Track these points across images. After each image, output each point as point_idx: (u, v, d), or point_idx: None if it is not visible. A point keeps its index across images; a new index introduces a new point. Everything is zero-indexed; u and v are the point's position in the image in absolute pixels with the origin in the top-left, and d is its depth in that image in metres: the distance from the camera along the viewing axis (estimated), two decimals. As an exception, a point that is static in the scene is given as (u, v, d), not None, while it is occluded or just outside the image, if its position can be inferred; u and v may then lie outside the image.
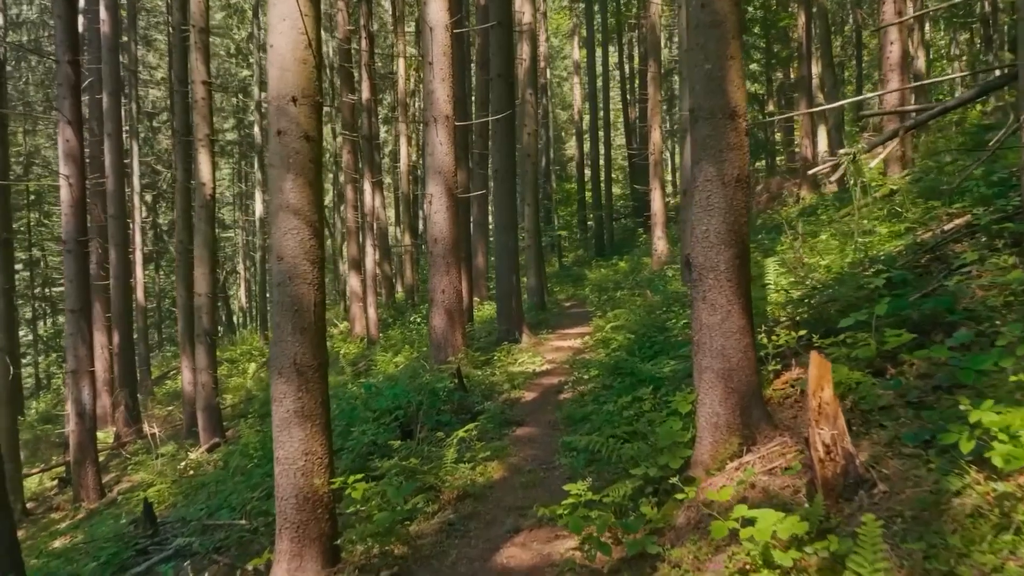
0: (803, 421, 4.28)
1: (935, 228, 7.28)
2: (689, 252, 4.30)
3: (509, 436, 7.00)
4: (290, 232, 4.28)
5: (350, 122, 22.72)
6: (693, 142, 4.33)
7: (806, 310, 6.14)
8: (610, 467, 4.90)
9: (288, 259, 4.28)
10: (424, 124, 10.58)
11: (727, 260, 4.15)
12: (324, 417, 4.39)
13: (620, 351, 8.87)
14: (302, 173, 4.30)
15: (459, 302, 10.42)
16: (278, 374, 4.29)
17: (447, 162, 10.21)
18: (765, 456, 3.98)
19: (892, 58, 13.21)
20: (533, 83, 17.45)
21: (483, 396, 8.58)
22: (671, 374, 6.54)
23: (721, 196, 4.16)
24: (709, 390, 4.18)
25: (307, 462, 4.26)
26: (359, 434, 6.98)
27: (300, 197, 4.29)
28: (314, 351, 4.32)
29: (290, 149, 4.29)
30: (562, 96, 47.44)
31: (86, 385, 12.11)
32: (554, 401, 8.30)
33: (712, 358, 4.17)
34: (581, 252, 33.03)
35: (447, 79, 10.32)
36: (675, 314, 9.06)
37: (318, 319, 4.34)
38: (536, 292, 16.39)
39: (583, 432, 5.92)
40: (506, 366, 10.61)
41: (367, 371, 16.71)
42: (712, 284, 4.16)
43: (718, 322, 4.15)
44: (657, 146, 19.92)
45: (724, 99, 4.16)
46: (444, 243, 10.24)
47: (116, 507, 10.87)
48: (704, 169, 4.21)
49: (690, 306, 9.33)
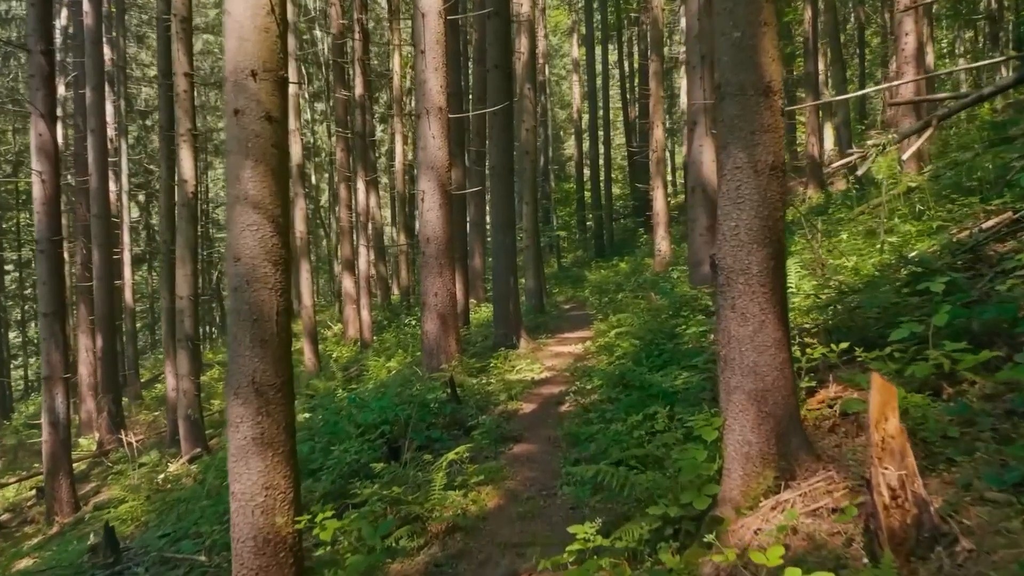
0: (848, 450, 3.67)
1: (971, 226, 6.68)
2: (714, 252, 3.68)
3: (505, 454, 6.38)
4: (249, 229, 3.65)
5: (343, 119, 22.12)
6: (719, 124, 3.72)
7: (832, 316, 5.53)
8: (620, 499, 4.28)
9: (246, 260, 3.65)
10: (416, 116, 9.97)
11: (760, 261, 3.53)
12: (288, 444, 3.76)
13: (625, 359, 8.25)
14: (263, 160, 3.67)
15: (453, 305, 9.79)
16: (234, 395, 3.66)
17: (440, 156, 9.59)
18: (808, 494, 3.36)
19: (907, 50, 12.65)
20: (532, 78, 16.83)
21: (478, 408, 7.96)
22: (684, 387, 5.92)
23: (753, 186, 3.54)
24: (739, 414, 3.56)
25: (268, 498, 3.64)
26: (340, 452, 6.36)
27: (260, 188, 3.66)
28: (276, 367, 3.69)
29: (249, 132, 3.66)
30: (560, 95, 46.88)
31: (59, 392, 11.47)
32: (554, 414, 7.68)
33: (743, 376, 3.55)
34: (580, 253, 32.43)
35: (440, 68, 9.70)
36: (685, 319, 8.44)
37: (281, 330, 3.72)
38: (534, 294, 15.77)
39: (588, 452, 5.30)
40: (503, 374, 10.00)
41: (358, 376, 16.10)
42: (743, 290, 3.54)
43: (750, 334, 3.53)
44: (660, 143, 19.32)
45: (756, 72, 3.54)
46: (437, 242, 9.62)
47: (84, 525, 10.22)
48: (732, 155, 3.59)
49: (704, 311, 8.74)
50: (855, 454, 3.57)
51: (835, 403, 4.16)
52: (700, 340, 7.70)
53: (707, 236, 9.64)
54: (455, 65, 15.94)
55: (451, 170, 9.95)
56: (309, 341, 18.88)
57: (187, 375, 12.53)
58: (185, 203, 12.54)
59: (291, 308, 3.68)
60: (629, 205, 33.18)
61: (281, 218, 3.74)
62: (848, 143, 18.17)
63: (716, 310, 3.72)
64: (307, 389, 15.91)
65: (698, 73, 9.54)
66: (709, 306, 8.79)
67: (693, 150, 9.68)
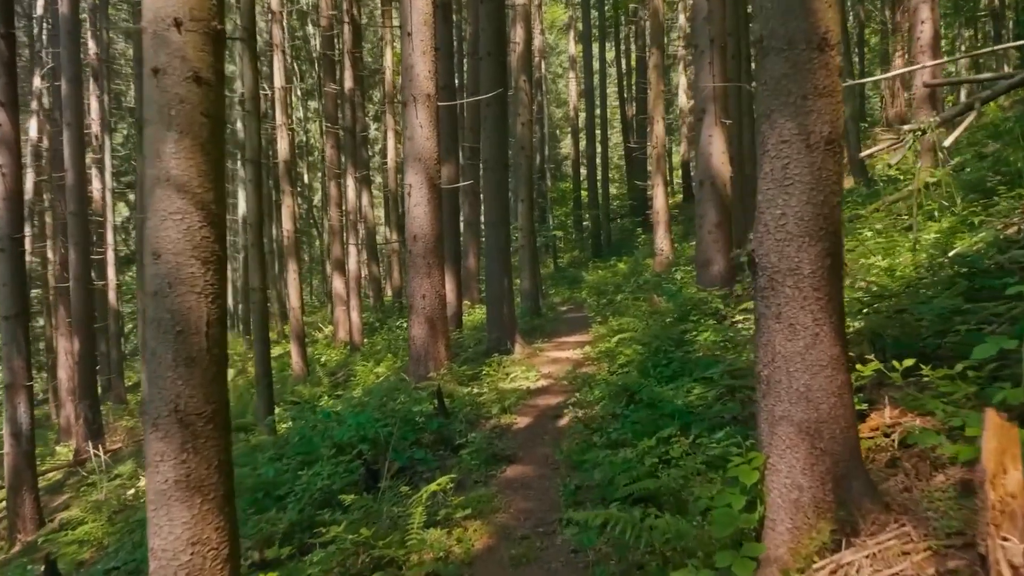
0: (923, 495, 2.94)
1: (1019, 222, 5.98)
2: (753, 248, 2.96)
3: (497, 479, 5.65)
4: (172, 217, 2.92)
5: (333, 114, 21.39)
6: (759, 89, 2.99)
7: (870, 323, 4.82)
8: (634, 547, 3.55)
9: (169, 257, 2.92)
10: (402, 104, 9.24)
11: (813, 259, 2.81)
12: (222, 487, 3.02)
13: (629, 368, 7.53)
14: (189, 131, 2.94)
15: (442, 308, 9.06)
16: (153, 426, 2.92)
17: (428, 147, 8.86)
18: (877, 555, 2.63)
19: (924, 38, 11.99)
20: (527, 69, 16.08)
21: (467, 422, 7.22)
22: (699, 403, 5.20)
23: (805, 164, 2.82)
24: (786, 450, 2.84)
25: (195, 555, 2.90)
26: (310, 477, 5.62)
27: (186, 166, 2.93)
28: (206, 391, 2.96)
29: (172, 96, 2.93)
30: (556, 93, 46.23)
31: (22, 401, 10.70)
32: (552, 429, 6.95)
33: (791, 403, 2.83)
34: (577, 253, 31.74)
35: (428, 52, 8.97)
36: (694, 325, 7.72)
37: (213, 344, 2.98)
38: (530, 296, 15.03)
39: (592, 480, 4.57)
40: (496, 382, 9.26)
41: (346, 382, 15.36)
42: (791, 295, 2.82)
43: (800, 351, 2.81)
44: (660, 139, 18.63)
45: (809, 20, 2.82)
46: (425, 240, 8.89)
47: (48, 544, 9.45)
48: (777, 126, 2.87)
49: (714, 315, 8.01)
50: (931, 501, 2.85)
51: (892, 431, 3.45)
52: (712, 348, 6.99)
53: (716, 234, 8.93)
54: (448, 57, 15.21)
55: (440, 163, 9.22)
56: (297, 344, 18.13)
57: (160, 382, 11.74)
58: (159, 199, 11.76)
59: (225, 318, 2.94)
60: (627, 204, 32.48)
61: (214, 205, 3.00)
62: (856, 139, 17.48)
63: (756, 320, 3.00)
64: (292, 395, 15.17)
65: (707, 57, 8.83)
66: (720, 309, 8.07)
67: (702, 141, 8.96)
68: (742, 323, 7.45)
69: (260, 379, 10.60)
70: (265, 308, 10.64)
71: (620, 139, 38.55)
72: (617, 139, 40.69)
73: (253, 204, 10.46)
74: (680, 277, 12.63)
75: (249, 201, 10.66)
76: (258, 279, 10.53)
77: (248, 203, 10.69)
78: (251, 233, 10.64)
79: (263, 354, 10.62)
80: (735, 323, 7.69)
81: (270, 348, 11.04)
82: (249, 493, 6.17)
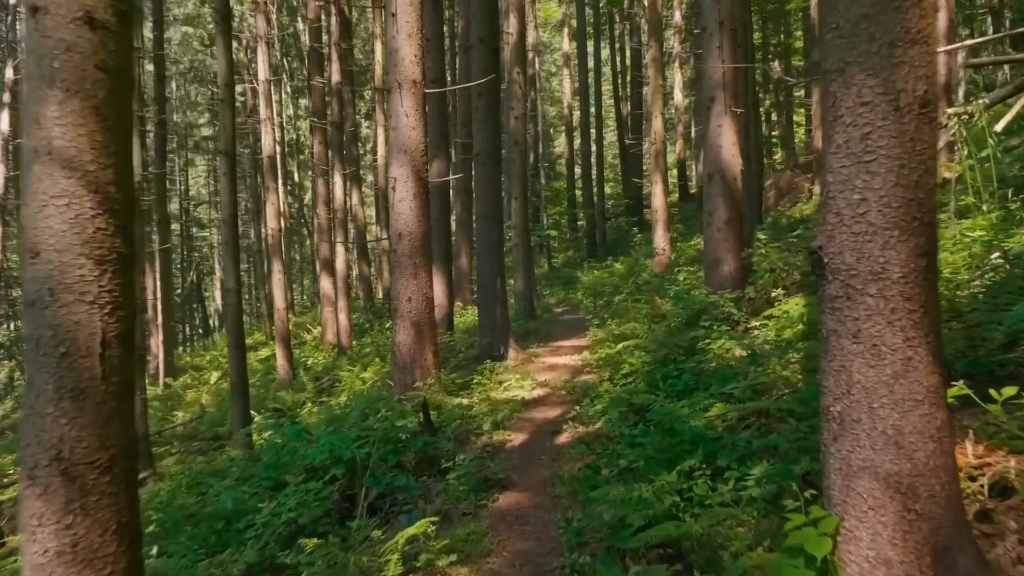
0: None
1: (1077, 217, 5.33)
2: (820, 244, 2.27)
3: (488, 509, 4.94)
4: (54, 203, 2.21)
5: (320, 109, 20.66)
6: (823, 37, 2.30)
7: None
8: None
9: (50, 254, 2.20)
10: (387, 91, 8.53)
11: (904, 259, 2.12)
12: (125, 559, 2.31)
13: (635, 378, 6.85)
14: (79, 89, 2.23)
15: (430, 312, 8.35)
16: (30, 479, 2.21)
17: (414, 138, 8.15)
18: (1000, 660, 1.95)
19: (940, 26, 11.42)
20: (521, 61, 15.38)
21: (456, 439, 6.52)
22: (721, 425, 4.51)
23: (893, 132, 2.13)
24: (869, 513, 2.15)
25: (85, 651, 2.19)
26: (275, 507, 4.90)
27: (74, 135, 2.22)
28: (101, 433, 2.25)
29: (55, 43, 2.22)
30: (550, 91, 45.64)
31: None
32: (549, 448, 6.25)
33: (876, 450, 2.14)
34: (572, 253, 31.09)
35: (414, 35, 8.26)
36: (705, 331, 7.03)
37: (112, 370, 2.27)
38: (524, 297, 14.33)
39: (599, 521, 3.88)
40: (488, 391, 8.57)
41: (331, 387, 14.63)
42: (875, 306, 2.13)
43: (887, 381, 2.12)
44: (659, 134, 17.97)
45: (900, -56, 2.13)
46: (411, 238, 8.18)
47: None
48: (855, 83, 2.17)
49: (727, 320, 7.33)
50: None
51: (979, 473, 2.76)
52: (727, 358, 6.31)
53: (726, 231, 8.25)
54: (438, 51, 14.48)
55: (427, 155, 8.52)
56: (282, 346, 17.38)
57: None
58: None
59: (131, 335, 2.23)
60: (622, 204, 31.81)
61: (113, 187, 2.29)
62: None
63: (823, 339, 2.30)
64: (274, 401, 14.44)
65: (715, 40, 8.14)
66: (732, 314, 7.39)
67: (710, 131, 8.28)
68: (758, 329, 6.78)
69: (235, 388, 9.87)
70: (240, 311, 9.91)
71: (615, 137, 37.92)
72: (611, 137, 40.09)
73: (227, 198, 9.73)
74: (683, 278, 11.96)
75: (223, 195, 9.93)
76: (232, 279, 9.80)
77: (222, 197, 9.95)
78: (225, 230, 9.91)
79: (238, 361, 9.89)
80: (750, 329, 7.02)
81: (246, 355, 10.31)
82: (208, 523, 5.47)
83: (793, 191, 21.55)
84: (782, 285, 7.36)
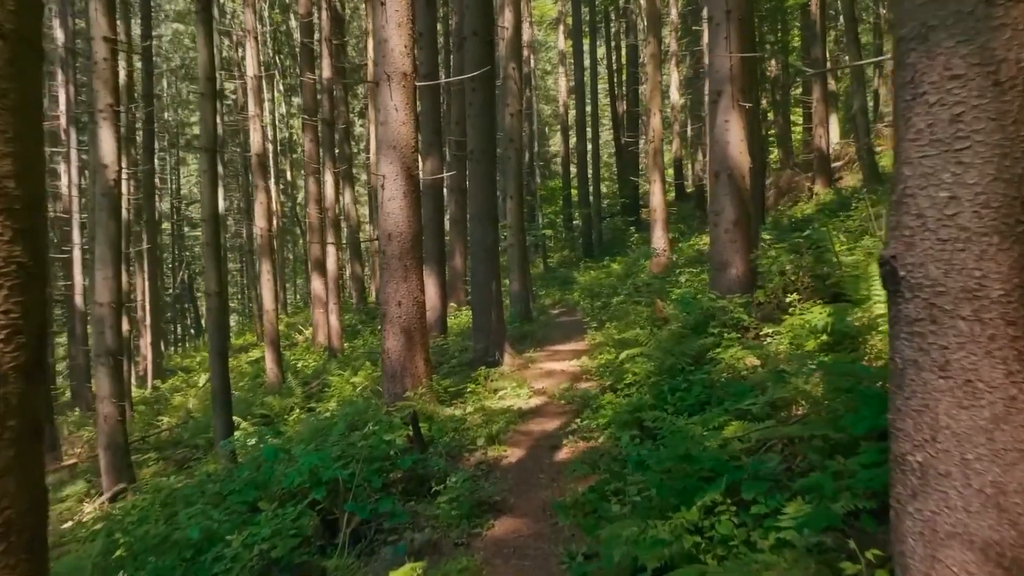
0: None
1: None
2: (894, 252, 1.83)
3: (483, 538, 4.49)
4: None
5: (311, 106, 20.16)
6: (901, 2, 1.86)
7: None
8: None
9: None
10: (375, 83, 8.07)
11: (1006, 273, 1.69)
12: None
13: (640, 389, 6.40)
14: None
15: (420, 317, 7.89)
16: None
17: (404, 133, 7.70)
18: None
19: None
20: (517, 55, 14.94)
21: (448, 455, 6.08)
22: (740, 446, 4.07)
23: (992, 114, 1.69)
24: (961, 592, 1.71)
25: None
26: (246, 537, 4.43)
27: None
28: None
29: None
30: (546, 89, 45.22)
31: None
32: (549, 465, 5.81)
33: (969, 513, 1.70)
34: (567, 253, 30.63)
35: (405, 24, 7.80)
36: (714, 338, 6.59)
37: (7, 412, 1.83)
38: (520, 299, 13.89)
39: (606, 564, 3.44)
40: (482, 400, 8.13)
41: (320, 392, 14.15)
42: (969, 332, 1.69)
43: (985, 426, 1.69)
44: (657, 132, 17.53)
45: None
46: (401, 239, 7.72)
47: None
48: (941, 52, 1.74)
49: (736, 326, 6.88)
50: None
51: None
52: (738, 368, 5.88)
53: (734, 232, 7.82)
54: (431, 46, 14.03)
55: (418, 151, 8.06)
56: (271, 349, 16.89)
57: (108, 397, 10.48)
58: (106, 192, 10.47)
59: (36, 366, 1.76)
60: (618, 203, 31.40)
61: (12, 183, 1.84)
62: (867, 133, 16.47)
63: (898, 369, 1.85)
64: (261, 407, 13.95)
65: (722, 31, 7.71)
66: (743, 320, 6.96)
67: (717, 127, 7.84)
68: (771, 338, 6.34)
69: (216, 397, 9.39)
70: (223, 315, 9.44)
71: (610, 136, 37.51)
72: (607, 136, 39.66)
73: (207, 197, 9.25)
74: (685, 280, 11.53)
75: (203, 193, 9.44)
76: (214, 282, 9.32)
77: (202, 195, 9.47)
78: (206, 229, 9.42)
79: (221, 368, 9.41)
80: (762, 337, 6.59)
81: (228, 362, 9.82)
82: (176, 551, 5.00)
83: (793, 190, 21.15)
84: (793, 289, 6.93)
